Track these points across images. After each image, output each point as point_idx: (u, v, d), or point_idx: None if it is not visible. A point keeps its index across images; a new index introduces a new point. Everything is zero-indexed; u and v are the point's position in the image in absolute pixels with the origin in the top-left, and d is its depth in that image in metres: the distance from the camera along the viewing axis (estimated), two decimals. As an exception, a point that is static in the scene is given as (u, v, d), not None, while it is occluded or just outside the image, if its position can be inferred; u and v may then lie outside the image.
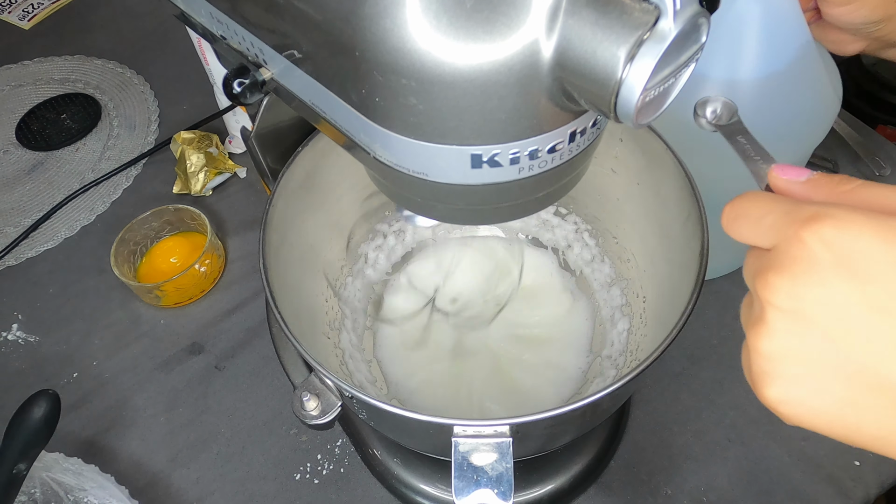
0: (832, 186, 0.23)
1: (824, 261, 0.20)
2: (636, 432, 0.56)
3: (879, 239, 0.20)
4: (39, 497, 0.51)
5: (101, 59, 0.96)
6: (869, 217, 0.20)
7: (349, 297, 0.58)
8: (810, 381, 0.22)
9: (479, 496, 0.34)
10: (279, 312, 0.39)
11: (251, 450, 0.58)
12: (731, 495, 0.53)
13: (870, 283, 0.20)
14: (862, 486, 0.53)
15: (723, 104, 0.30)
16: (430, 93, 0.25)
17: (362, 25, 0.24)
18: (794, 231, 0.21)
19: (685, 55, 0.24)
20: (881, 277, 0.20)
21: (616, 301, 0.56)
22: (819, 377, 0.22)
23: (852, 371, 0.21)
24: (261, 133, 0.43)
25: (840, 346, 0.21)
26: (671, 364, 0.60)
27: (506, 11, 0.23)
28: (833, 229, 0.20)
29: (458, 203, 0.30)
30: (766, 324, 0.22)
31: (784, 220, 0.22)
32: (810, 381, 0.22)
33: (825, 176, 0.24)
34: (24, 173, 0.82)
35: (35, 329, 0.68)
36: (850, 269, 0.20)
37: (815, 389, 0.22)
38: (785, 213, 0.22)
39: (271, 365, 0.63)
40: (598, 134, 0.29)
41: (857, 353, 0.21)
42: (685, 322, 0.37)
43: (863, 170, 0.73)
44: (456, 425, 0.35)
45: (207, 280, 0.68)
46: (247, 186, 0.78)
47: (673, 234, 0.46)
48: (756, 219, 0.23)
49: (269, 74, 0.33)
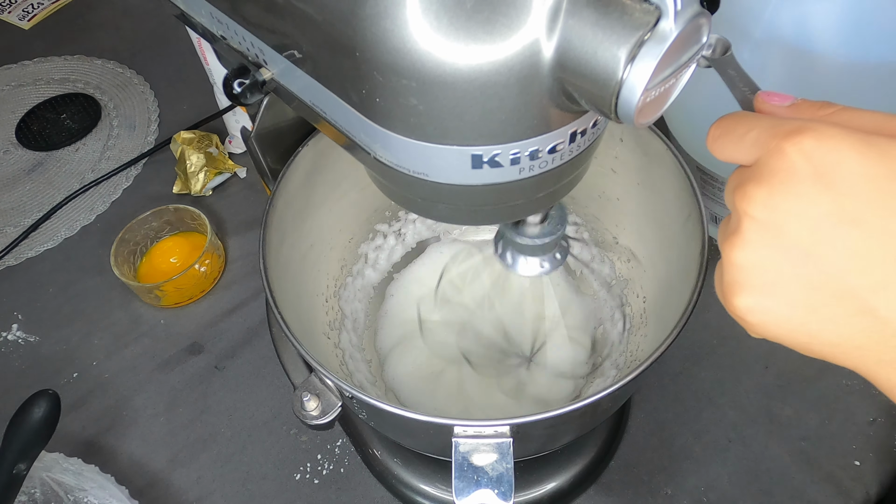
0: (815, 110, 0.24)
1: (803, 172, 0.21)
2: (636, 432, 0.56)
3: (856, 152, 0.20)
4: (39, 497, 0.51)
5: (101, 59, 0.96)
6: (848, 132, 0.21)
7: (349, 297, 0.58)
8: (778, 290, 0.22)
9: (479, 496, 0.34)
10: (279, 312, 0.39)
11: (251, 450, 0.58)
12: (731, 495, 0.53)
13: (844, 195, 0.21)
14: (862, 486, 0.53)
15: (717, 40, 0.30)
16: (431, 93, 0.25)
17: (362, 26, 0.24)
18: (776, 143, 0.22)
19: (686, 55, 0.24)
20: (855, 189, 0.20)
21: (616, 301, 0.56)
22: (787, 286, 0.22)
23: (819, 281, 0.22)
24: (261, 133, 0.43)
25: (810, 257, 0.21)
26: (671, 364, 0.60)
27: (506, 12, 0.23)
28: (813, 141, 0.21)
29: (458, 203, 0.30)
30: (741, 234, 0.23)
31: (767, 134, 0.22)
32: (778, 290, 0.22)
33: (808, 101, 0.24)
34: (24, 173, 0.82)
35: (35, 329, 0.68)
36: (827, 181, 0.21)
37: (782, 298, 0.22)
38: (768, 128, 0.22)
39: (271, 365, 0.63)
40: (598, 134, 0.29)
41: (825, 264, 0.21)
42: (685, 322, 0.37)
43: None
44: (456, 425, 0.35)
45: (207, 280, 0.68)
46: (247, 186, 0.78)
47: (673, 234, 0.46)
48: (740, 135, 0.23)
49: (269, 74, 0.33)
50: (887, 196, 0.20)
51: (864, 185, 0.21)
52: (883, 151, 0.21)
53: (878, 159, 0.20)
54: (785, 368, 0.58)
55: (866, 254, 0.21)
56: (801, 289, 0.22)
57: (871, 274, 0.21)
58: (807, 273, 0.22)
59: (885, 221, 0.21)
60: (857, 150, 0.21)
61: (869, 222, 0.21)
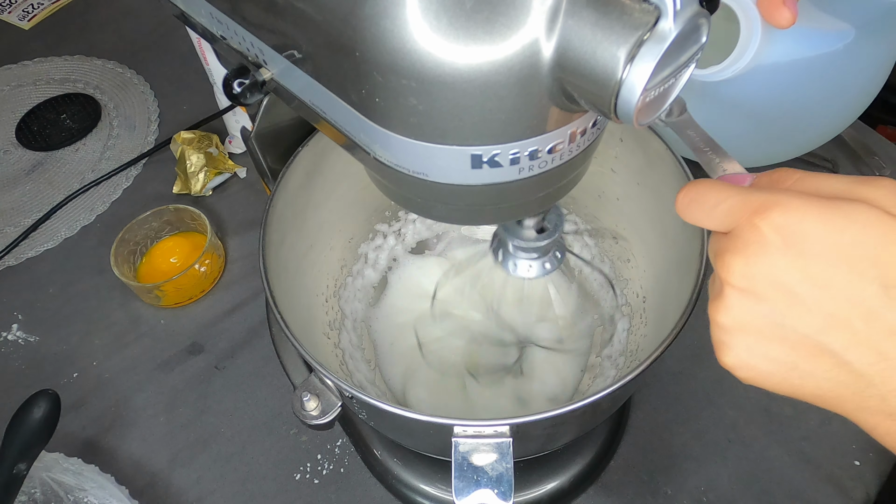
0: (775, 184, 0.25)
1: (774, 244, 0.23)
2: (636, 432, 0.56)
3: (821, 221, 0.22)
4: (39, 497, 0.51)
5: (101, 59, 0.96)
6: (812, 202, 0.23)
7: (349, 297, 0.58)
8: (760, 349, 0.25)
9: (479, 496, 0.34)
10: (279, 312, 0.39)
11: (251, 450, 0.58)
12: (731, 495, 0.53)
13: (811, 261, 0.23)
14: (862, 486, 0.53)
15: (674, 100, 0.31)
16: (430, 93, 0.25)
17: (362, 26, 0.24)
18: (747, 218, 0.24)
19: (685, 55, 0.24)
20: (822, 256, 0.22)
21: (616, 301, 0.56)
22: (767, 346, 0.25)
23: (797, 341, 0.24)
24: (261, 133, 0.43)
25: (786, 319, 0.24)
26: (671, 364, 0.60)
27: (506, 12, 0.23)
28: (781, 215, 0.23)
29: (458, 203, 0.30)
30: (724, 299, 0.25)
31: (738, 209, 0.24)
32: (760, 349, 0.25)
33: (763, 176, 0.26)
34: (24, 173, 0.82)
35: (35, 329, 0.68)
36: (797, 251, 0.23)
37: (764, 356, 0.25)
38: (739, 203, 0.24)
39: (271, 365, 0.63)
40: (598, 134, 0.29)
41: (799, 325, 0.24)
42: (685, 322, 0.37)
43: (863, 170, 0.73)
44: (456, 425, 0.35)
45: (207, 280, 0.68)
46: (247, 186, 0.78)
47: (673, 234, 0.46)
48: (711, 206, 0.25)
49: (269, 74, 0.33)
50: (852, 259, 0.22)
51: (830, 252, 0.22)
52: (845, 216, 0.22)
53: (842, 225, 0.22)
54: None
55: (837, 314, 0.23)
56: (781, 348, 0.24)
57: (843, 332, 0.23)
58: (785, 334, 0.24)
59: (852, 283, 0.22)
60: (821, 219, 0.22)
61: (837, 285, 0.23)
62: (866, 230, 0.22)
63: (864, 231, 0.22)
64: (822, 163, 0.73)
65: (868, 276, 0.22)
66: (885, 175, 0.71)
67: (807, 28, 0.49)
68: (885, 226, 0.22)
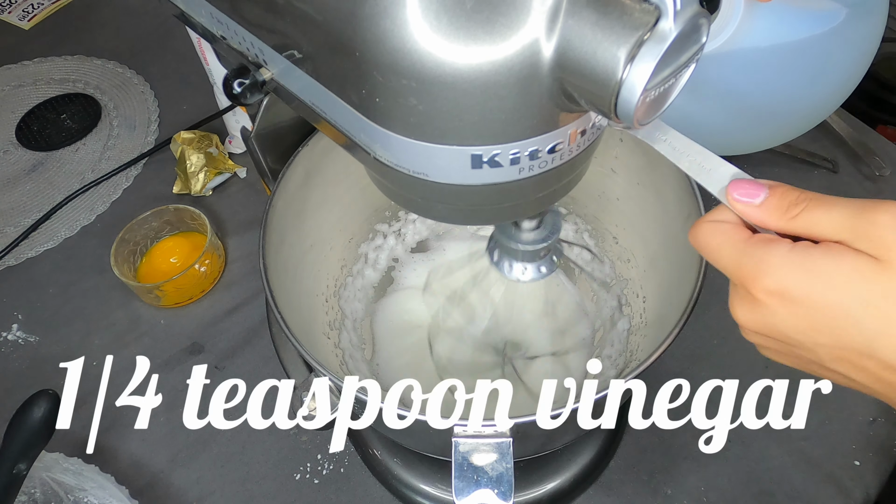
0: (780, 212, 0.28)
1: (769, 306, 0.27)
2: (636, 432, 0.56)
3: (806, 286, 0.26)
4: (39, 497, 0.51)
5: (101, 59, 0.96)
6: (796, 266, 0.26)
7: (349, 297, 0.58)
8: (784, 360, 0.30)
9: (479, 496, 0.34)
10: (279, 312, 0.39)
11: (251, 450, 0.58)
12: (731, 495, 0.53)
13: (802, 320, 0.27)
14: (862, 486, 0.53)
15: None
16: (431, 93, 0.25)
17: (362, 26, 0.24)
18: (741, 282, 0.28)
19: (685, 55, 0.24)
20: (809, 314, 0.26)
21: (616, 301, 0.56)
22: (789, 361, 0.30)
23: (807, 364, 0.29)
24: (261, 133, 0.43)
25: (794, 351, 0.28)
26: (671, 364, 0.60)
27: (506, 12, 0.23)
28: (772, 283, 0.27)
29: (458, 203, 0.30)
30: (743, 328, 0.29)
31: (734, 272, 0.28)
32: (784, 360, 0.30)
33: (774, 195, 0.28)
34: (24, 173, 0.82)
35: (35, 329, 0.68)
36: (788, 310, 0.27)
37: (790, 363, 0.30)
38: (735, 266, 0.28)
39: (271, 365, 0.63)
40: (598, 134, 0.29)
41: (806, 356, 0.28)
42: (685, 322, 0.37)
43: (863, 170, 0.73)
44: (456, 425, 0.35)
45: (207, 280, 0.68)
46: (247, 186, 0.78)
47: (673, 234, 0.46)
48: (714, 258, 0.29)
49: (269, 74, 0.33)
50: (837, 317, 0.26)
51: (817, 312, 0.26)
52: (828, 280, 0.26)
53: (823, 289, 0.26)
54: (785, 368, 0.58)
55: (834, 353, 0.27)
56: (801, 364, 0.29)
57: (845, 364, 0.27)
58: (798, 359, 0.29)
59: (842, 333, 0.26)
60: (807, 285, 0.26)
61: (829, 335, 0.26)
62: (848, 289, 0.25)
63: (847, 290, 0.25)
64: (823, 163, 0.73)
65: (852, 331, 0.26)
66: (885, 175, 0.71)
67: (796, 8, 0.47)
68: (866, 281, 0.25)
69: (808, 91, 0.53)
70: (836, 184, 0.72)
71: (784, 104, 0.55)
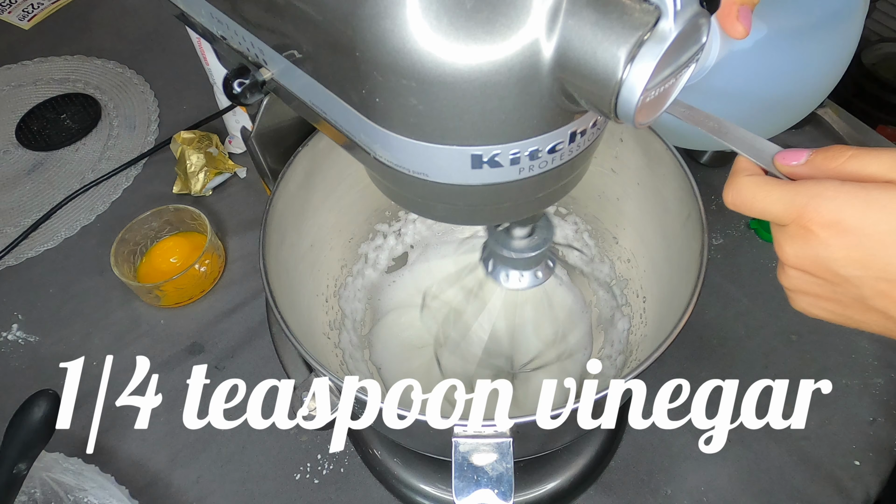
0: (827, 162, 0.29)
1: (820, 237, 0.28)
2: (636, 432, 0.56)
3: (859, 214, 0.27)
4: (39, 497, 0.51)
5: (101, 59, 0.96)
6: (851, 195, 0.27)
7: (349, 297, 0.58)
8: (819, 304, 0.31)
9: (479, 496, 0.34)
10: (279, 312, 0.39)
11: (251, 450, 0.58)
12: (731, 495, 0.53)
13: (854, 249, 0.27)
14: (862, 486, 0.53)
15: None
16: (431, 93, 0.25)
17: (362, 26, 0.24)
18: (795, 219, 0.28)
19: (685, 55, 0.24)
20: (862, 244, 0.27)
21: (616, 301, 0.56)
22: (825, 303, 0.31)
23: (847, 302, 0.30)
24: (261, 133, 0.43)
25: (837, 289, 0.29)
26: (671, 364, 0.60)
27: (506, 12, 0.23)
28: (826, 212, 0.27)
29: (458, 203, 0.30)
30: (784, 271, 0.31)
31: (786, 213, 0.29)
32: (819, 304, 0.31)
33: (819, 153, 0.29)
34: (24, 173, 0.82)
35: (35, 329, 0.68)
36: (840, 240, 0.27)
37: (823, 309, 0.31)
38: (786, 207, 0.29)
39: (271, 365, 0.63)
40: (598, 134, 0.29)
41: (848, 293, 0.29)
42: (685, 322, 0.37)
43: (863, 170, 0.72)
44: (456, 425, 0.35)
45: (207, 280, 0.68)
46: (247, 186, 0.78)
47: (673, 234, 0.46)
48: (759, 212, 0.30)
49: (269, 74, 0.33)
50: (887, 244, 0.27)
51: (869, 240, 0.27)
52: (882, 208, 0.27)
53: (877, 218, 0.27)
54: (785, 368, 0.58)
55: (878, 287, 0.28)
56: (837, 306, 0.30)
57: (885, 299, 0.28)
58: (837, 298, 0.30)
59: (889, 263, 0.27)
60: (860, 212, 0.27)
61: (877, 266, 0.27)
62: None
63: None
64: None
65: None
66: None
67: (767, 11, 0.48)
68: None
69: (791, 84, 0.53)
70: (836, 184, 0.72)
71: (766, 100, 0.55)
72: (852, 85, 1.23)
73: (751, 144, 0.32)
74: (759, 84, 0.53)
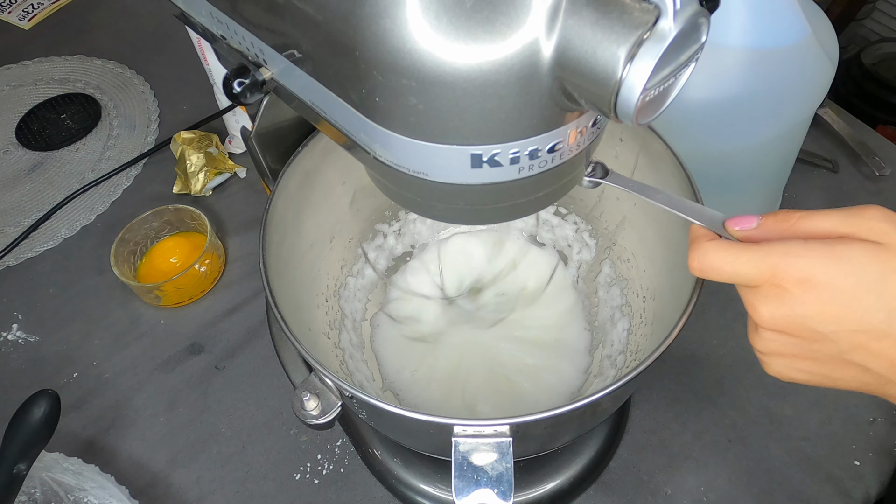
0: (778, 224, 0.30)
1: (794, 295, 0.28)
2: (636, 432, 0.56)
3: (827, 270, 0.28)
4: (39, 497, 0.51)
5: (101, 59, 0.96)
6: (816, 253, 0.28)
7: (349, 297, 0.58)
8: (796, 366, 0.31)
9: (479, 496, 0.34)
10: (279, 312, 0.39)
11: (251, 450, 0.58)
12: (731, 495, 0.53)
13: (827, 305, 0.28)
14: (862, 486, 0.53)
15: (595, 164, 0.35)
16: (430, 93, 0.25)
17: (362, 25, 0.24)
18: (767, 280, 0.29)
19: (685, 55, 0.24)
20: (834, 299, 0.28)
21: (616, 301, 0.56)
22: (801, 363, 0.31)
23: (823, 360, 0.30)
24: (261, 133, 0.43)
25: (813, 346, 0.29)
26: (671, 364, 0.60)
27: (506, 11, 0.23)
28: (795, 272, 0.28)
29: (458, 203, 0.30)
30: (759, 334, 0.31)
31: (757, 275, 0.29)
32: (796, 366, 0.31)
33: (769, 217, 0.30)
34: (24, 173, 0.82)
35: (35, 329, 0.68)
36: (811, 297, 0.28)
37: (800, 371, 0.31)
38: (756, 269, 0.29)
39: (271, 365, 0.63)
40: (598, 134, 0.29)
41: (824, 350, 0.29)
42: (685, 322, 0.37)
43: (863, 170, 0.73)
44: (456, 425, 0.35)
45: (207, 280, 0.68)
46: (247, 186, 0.78)
47: (673, 235, 0.46)
48: (728, 277, 0.30)
49: (269, 74, 0.33)
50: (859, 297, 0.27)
51: (840, 295, 0.27)
52: (848, 261, 0.27)
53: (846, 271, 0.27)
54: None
55: (854, 339, 0.28)
56: (813, 364, 0.30)
57: (861, 351, 0.28)
58: (814, 356, 0.30)
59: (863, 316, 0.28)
60: (828, 269, 0.27)
61: (850, 319, 0.28)
62: (865, 269, 0.27)
63: (864, 270, 0.27)
64: (823, 163, 0.73)
65: (874, 308, 0.27)
66: (885, 175, 0.71)
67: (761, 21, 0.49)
68: (879, 260, 0.27)
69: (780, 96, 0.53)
70: (836, 184, 0.72)
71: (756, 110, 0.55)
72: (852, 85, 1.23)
73: (700, 213, 0.33)
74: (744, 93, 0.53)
